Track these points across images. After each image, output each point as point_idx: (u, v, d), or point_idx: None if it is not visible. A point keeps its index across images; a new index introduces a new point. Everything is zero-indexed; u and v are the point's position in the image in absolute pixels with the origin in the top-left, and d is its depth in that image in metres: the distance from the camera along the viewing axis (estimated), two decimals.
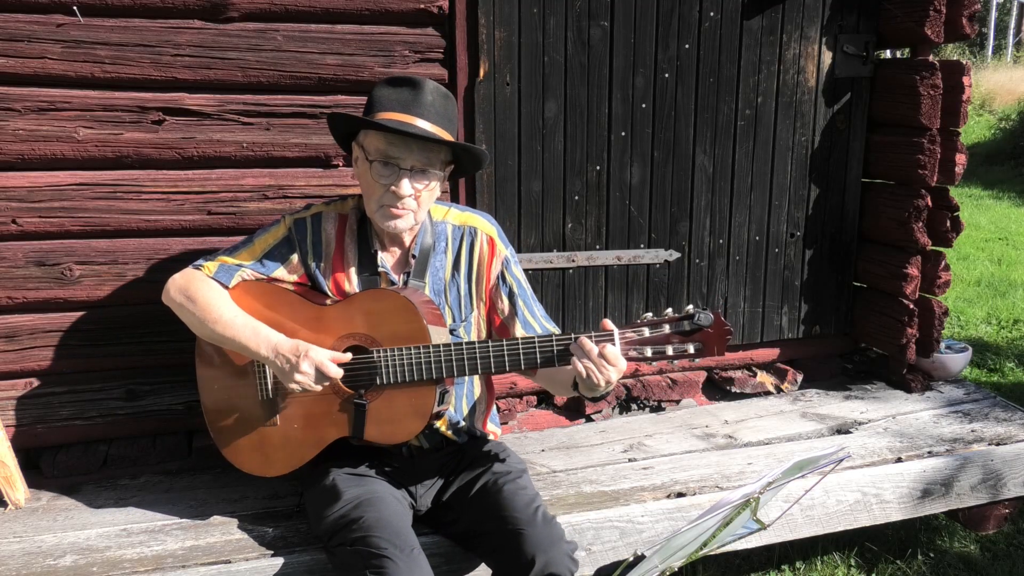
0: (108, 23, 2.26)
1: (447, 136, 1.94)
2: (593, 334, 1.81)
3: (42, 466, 2.47)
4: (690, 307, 1.81)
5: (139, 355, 2.47)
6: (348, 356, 1.93)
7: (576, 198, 2.78)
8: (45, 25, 2.22)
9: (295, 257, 2.07)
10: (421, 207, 1.96)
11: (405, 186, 1.89)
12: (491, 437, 2.24)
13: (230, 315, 1.98)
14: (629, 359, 1.81)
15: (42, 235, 2.34)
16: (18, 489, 2.31)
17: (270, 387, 2.04)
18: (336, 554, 1.90)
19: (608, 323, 1.82)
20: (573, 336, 1.83)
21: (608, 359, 1.77)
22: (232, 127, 2.40)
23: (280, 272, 2.07)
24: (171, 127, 2.36)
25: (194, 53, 2.32)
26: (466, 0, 2.51)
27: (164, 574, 1.98)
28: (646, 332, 1.81)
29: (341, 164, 2.51)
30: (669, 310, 1.83)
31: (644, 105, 2.78)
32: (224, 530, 2.16)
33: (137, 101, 2.32)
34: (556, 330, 2.12)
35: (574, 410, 2.94)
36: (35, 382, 2.43)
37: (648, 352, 1.82)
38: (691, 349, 1.81)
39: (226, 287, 2.03)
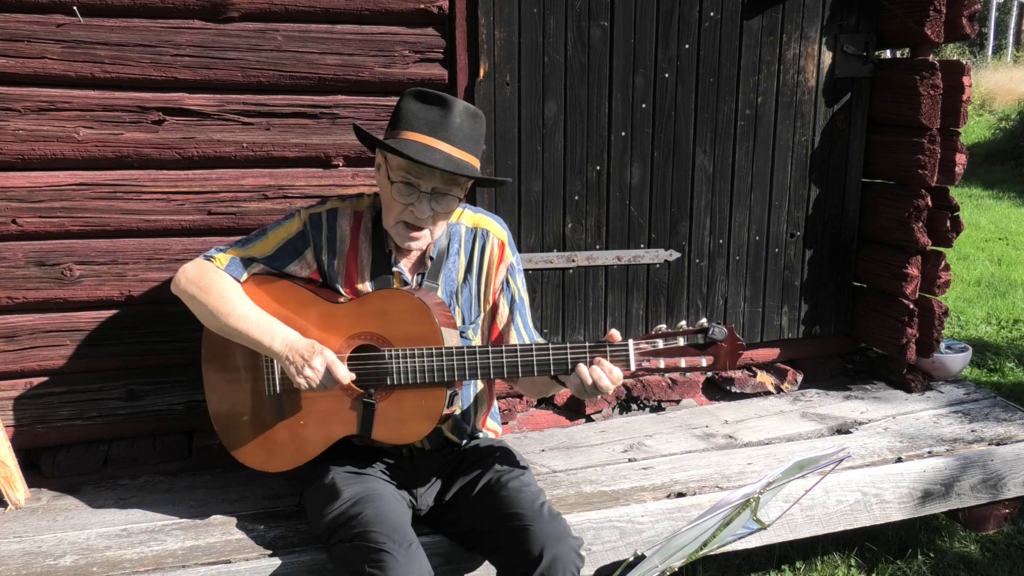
0: (108, 23, 2.26)
1: (472, 160, 1.95)
2: (608, 348, 1.82)
3: (42, 466, 2.46)
4: (704, 320, 1.82)
5: (139, 355, 2.47)
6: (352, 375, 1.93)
7: (576, 198, 2.78)
8: (45, 25, 2.22)
9: (309, 252, 2.06)
10: (437, 227, 1.98)
11: (424, 208, 1.90)
12: (491, 435, 2.25)
13: (243, 309, 1.97)
14: (642, 370, 1.83)
15: (42, 235, 2.34)
16: (18, 489, 2.31)
17: (278, 382, 2.03)
18: (335, 552, 1.90)
19: (616, 334, 1.83)
20: (588, 347, 1.84)
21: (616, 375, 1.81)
22: (232, 127, 2.40)
23: (293, 267, 2.06)
24: (171, 127, 2.36)
25: (194, 53, 2.32)
26: (466, 0, 2.51)
27: (164, 574, 1.98)
28: (660, 344, 1.82)
29: (341, 164, 2.51)
30: (683, 323, 1.84)
31: (644, 105, 2.78)
32: (224, 530, 2.16)
33: (137, 101, 2.33)
34: (540, 340, 2.15)
35: (574, 410, 2.93)
36: (35, 382, 2.43)
37: (661, 364, 1.83)
38: (703, 363, 1.82)
39: (238, 281, 2.02)
